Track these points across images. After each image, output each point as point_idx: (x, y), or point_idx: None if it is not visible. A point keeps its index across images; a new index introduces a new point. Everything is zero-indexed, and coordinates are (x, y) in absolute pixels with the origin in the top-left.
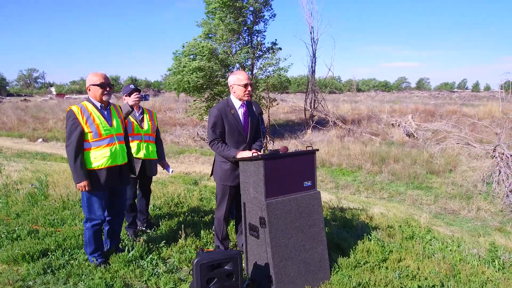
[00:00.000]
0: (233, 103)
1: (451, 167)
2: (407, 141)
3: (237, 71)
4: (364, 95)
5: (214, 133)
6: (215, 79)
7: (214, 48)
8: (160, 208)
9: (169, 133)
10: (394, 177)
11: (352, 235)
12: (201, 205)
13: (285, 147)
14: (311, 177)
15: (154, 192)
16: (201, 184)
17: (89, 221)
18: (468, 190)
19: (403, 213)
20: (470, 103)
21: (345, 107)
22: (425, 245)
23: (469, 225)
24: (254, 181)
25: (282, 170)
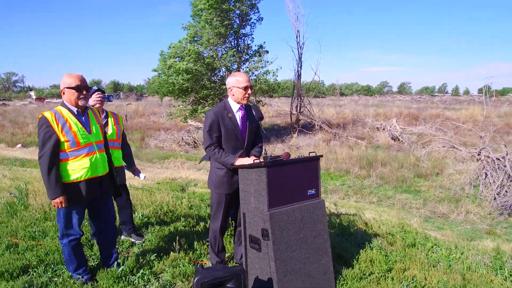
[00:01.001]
0: (230, 106)
1: (438, 170)
2: (393, 144)
3: (236, 73)
4: (348, 99)
5: (210, 137)
6: (201, 82)
7: (200, 51)
8: (149, 218)
9: (153, 138)
10: (382, 181)
11: (353, 243)
12: (192, 213)
13: (287, 153)
14: (315, 185)
15: (141, 201)
16: (189, 191)
17: (66, 236)
18: (456, 193)
19: (394, 217)
20: (452, 106)
21: (330, 111)
22: (428, 252)
23: (459, 228)
24: (256, 190)
25: (285, 178)
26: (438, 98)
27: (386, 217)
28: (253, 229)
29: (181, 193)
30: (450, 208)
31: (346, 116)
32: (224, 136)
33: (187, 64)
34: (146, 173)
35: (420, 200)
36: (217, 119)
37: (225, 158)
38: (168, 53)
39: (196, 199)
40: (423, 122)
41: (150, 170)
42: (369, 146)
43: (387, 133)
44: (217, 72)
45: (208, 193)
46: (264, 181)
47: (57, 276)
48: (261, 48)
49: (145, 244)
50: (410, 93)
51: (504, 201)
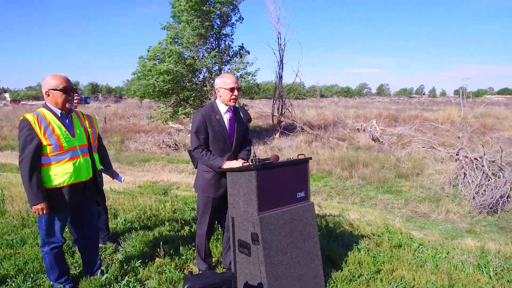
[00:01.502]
0: (218, 108)
1: (418, 170)
2: (373, 145)
3: (224, 74)
4: (328, 101)
5: (197, 139)
6: (181, 83)
7: (181, 52)
8: (132, 223)
9: (133, 141)
10: (364, 182)
11: (340, 245)
12: (176, 217)
13: (276, 155)
14: (305, 187)
15: (124, 205)
16: (172, 194)
17: (48, 244)
18: (436, 193)
19: (377, 218)
20: (429, 108)
21: (311, 112)
22: (414, 253)
23: (440, 227)
24: (245, 194)
25: (275, 181)
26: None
27: (370, 218)
28: (242, 234)
29: (163, 196)
30: (431, 208)
31: (327, 118)
32: (212, 138)
33: (167, 65)
34: (127, 176)
35: (402, 200)
36: (205, 121)
37: (213, 161)
38: (148, 55)
39: (179, 203)
40: (403, 123)
41: (130, 174)
42: (350, 147)
43: (368, 134)
44: (198, 74)
45: (192, 196)
46: (253, 185)
47: (38, 286)
48: (242, 49)
49: (129, 250)
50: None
51: (483, 200)
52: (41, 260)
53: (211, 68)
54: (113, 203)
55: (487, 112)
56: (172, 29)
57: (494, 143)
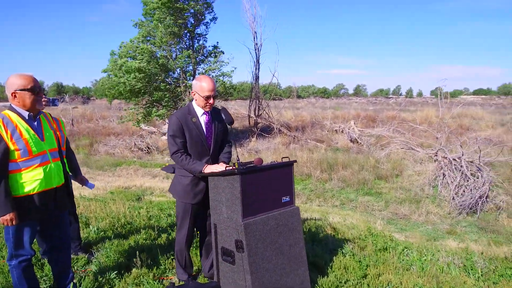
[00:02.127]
0: (195, 110)
1: (397, 172)
2: (352, 147)
3: (202, 77)
4: (305, 102)
5: (175, 143)
6: (154, 83)
7: (153, 51)
8: (105, 231)
9: (103, 144)
10: (344, 184)
11: (325, 250)
12: (152, 224)
13: (259, 159)
14: (290, 191)
15: (96, 212)
16: (146, 200)
17: (16, 257)
18: (416, 194)
19: (358, 220)
20: (407, 108)
21: (288, 114)
22: (399, 256)
23: (421, 229)
24: (228, 199)
25: (259, 185)
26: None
27: (351, 221)
28: (226, 241)
29: (137, 202)
30: (411, 209)
31: (304, 119)
32: (189, 141)
33: (139, 63)
34: (97, 181)
35: (382, 202)
36: (181, 124)
37: (193, 165)
38: (119, 52)
39: (154, 209)
40: (381, 124)
41: (101, 179)
42: (329, 149)
43: (346, 135)
44: (172, 74)
45: (168, 202)
46: (237, 189)
47: None
48: (216, 49)
49: (103, 260)
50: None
51: (462, 201)
52: (7, 274)
53: (185, 68)
54: (84, 211)
55: (463, 112)
56: (144, 27)
57: (471, 144)
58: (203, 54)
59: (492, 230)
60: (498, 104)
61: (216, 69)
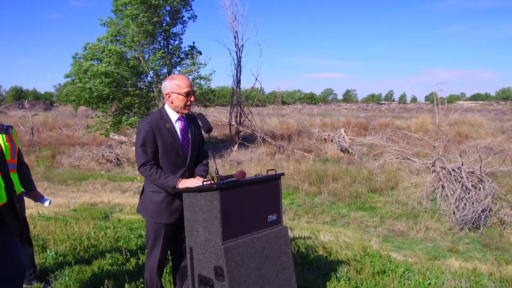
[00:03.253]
0: (168, 116)
1: (392, 184)
2: (342, 157)
3: (175, 76)
4: (290, 108)
5: (144, 154)
6: (124, 88)
7: (123, 52)
8: (65, 256)
9: (66, 155)
10: (335, 198)
11: (317, 274)
12: (119, 246)
13: (241, 171)
14: (277, 209)
15: (54, 234)
16: (113, 218)
17: None
18: (413, 208)
19: (352, 238)
20: (400, 115)
21: (273, 121)
22: (400, 279)
23: (421, 247)
24: (206, 219)
25: (242, 202)
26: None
27: (344, 239)
28: (203, 267)
29: (104, 221)
30: (408, 225)
31: (290, 127)
32: (162, 151)
33: (107, 66)
34: (59, 198)
35: (377, 217)
36: (153, 131)
37: (166, 180)
38: (84, 54)
39: (123, 229)
40: (373, 132)
41: (63, 194)
42: (317, 159)
43: (336, 144)
44: (144, 77)
45: (138, 220)
46: (216, 208)
47: None
48: (192, 49)
49: None
50: (356, 101)
51: (464, 215)
52: None
53: (159, 71)
54: (41, 232)
55: (461, 119)
56: (114, 25)
57: (471, 153)
58: (179, 56)
59: (497, 247)
60: (497, 110)
61: (193, 71)
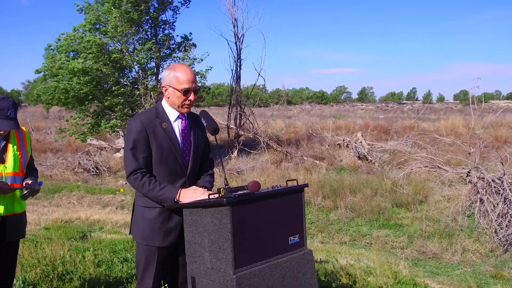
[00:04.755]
0: (165, 113)
1: (421, 197)
2: (360, 165)
3: (177, 65)
4: (297, 109)
5: (135, 159)
6: (104, 86)
7: (104, 43)
8: (36, 285)
9: (37, 163)
10: (354, 214)
11: None
12: (101, 273)
13: (255, 182)
14: (299, 228)
15: (23, 257)
16: (93, 238)
17: None
18: (447, 226)
19: (376, 262)
20: (426, 116)
21: (278, 124)
22: None
23: (457, 272)
24: (213, 242)
25: (257, 220)
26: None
27: (367, 262)
28: None
29: (81, 242)
30: (442, 246)
31: (298, 130)
32: (157, 157)
33: (84, 61)
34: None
35: (404, 237)
36: (145, 131)
37: (162, 191)
38: (58, 46)
39: (105, 251)
40: (395, 136)
41: (33, 210)
42: (331, 168)
43: (352, 151)
44: (128, 73)
45: (124, 240)
46: (226, 227)
47: None
48: (186, 41)
49: None
50: (373, 100)
51: (508, 234)
52: None
53: (145, 64)
54: None
55: (498, 121)
56: (92, 12)
57: None
58: (169, 47)
59: None
60: None
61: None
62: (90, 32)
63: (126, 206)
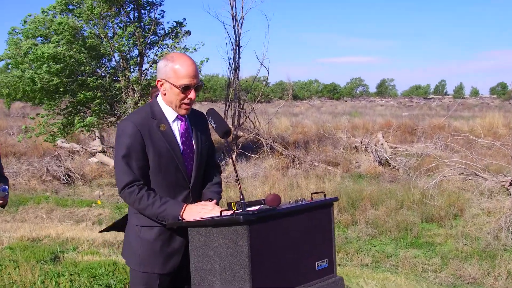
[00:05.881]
0: (162, 113)
1: (456, 210)
2: (382, 172)
3: (176, 55)
4: (305, 105)
5: (130, 169)
6: (78, 77)
7: (78, 27)
8: None
9: None
10: (376, 231)
11: None
12: None
13: (275, 196)
14: (327, 251)
15: None
16: (67, 260)
17: None
18: (488, 244)
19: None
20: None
21: (283, 122)
22: None
23: None
24: (225, 268)
25: (279, 242)
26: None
27: None
28: None
29: (53, 265)
30: (483, 269)
31: (307, 130)
32: (155, 165)
33: (55, 47)
34: None
35: (436, 258)
36: (141, 135)
37: (162, 208)
38: (24, 30)
39: (83, 276)
40: (423, 138)
41: None
42: (347, 176)
43: (372, 155)
44: (106, 61)
45: (104, 263)
46: (243, 251)
47: None
48: (179, 26)
49: None
50: (395, 95)
51: None
52: None
53: (127, 53)
54: None
55: None
56: None
57: None
58: (156, 33)
59: None
60: None
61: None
62: (62, 14)
63: (104, 221)
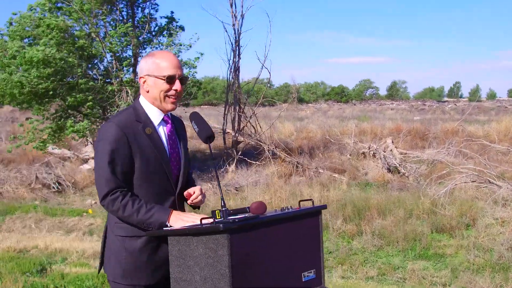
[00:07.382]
0: (147, 115)
1: (468, 220)
2: (390, 179)
3: (155, 52)
4: (311, 108)
5: (113, 176)
6: (69, 80)
7: (68, 27)
8: None
9: None
10: (383, 241)
11: None
12: None
13: (260, 203)
14: (315, 261)
15: None
16: (54, 272)
17: None
18: (501, 256)
19: None
20: (474, 118)
21: (286, 127)
22: None
23: None
24: (206, 278)
25: (262, 251)
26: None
27: None
28: None
29: (40, 277)
30: (495, 282)
31: (312, 136)
32: (141, 172)
33: (44, 48)
34: None
35: (447, 270)
36: (126, 138)
37: (149, 214)
38: (10, 31)
39: None
40: (435, 143)
41: None
42: (354, 184)
43: (380, 161)
44: (98, 63)
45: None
46: (224, 261)
47: None
48: (171, 23)
49: None
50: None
51: None
52: None
53: (120, 53)
54: None
55: None
56: None
57: None
58: (150, 31)
59: None
60: None
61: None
62: (51, 12)
63: (95, 232)
